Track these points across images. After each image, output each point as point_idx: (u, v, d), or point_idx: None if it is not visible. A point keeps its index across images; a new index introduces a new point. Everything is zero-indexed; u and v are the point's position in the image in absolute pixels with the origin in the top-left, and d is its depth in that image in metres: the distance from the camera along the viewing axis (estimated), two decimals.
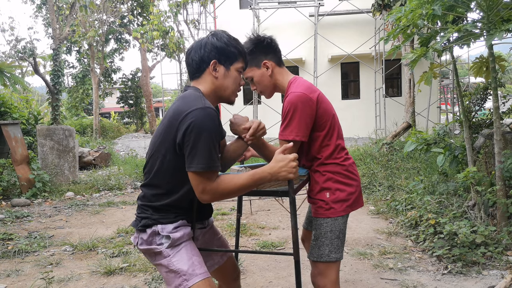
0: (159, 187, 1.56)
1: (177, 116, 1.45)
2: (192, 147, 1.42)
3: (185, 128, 1.42)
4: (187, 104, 1.46)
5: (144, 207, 1.59)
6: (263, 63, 1.84)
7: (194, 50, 1.58)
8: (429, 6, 3.09)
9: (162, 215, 1.56)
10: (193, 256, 1.55)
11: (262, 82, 1.87)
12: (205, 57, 1.56)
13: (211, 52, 1.55)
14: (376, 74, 13.25)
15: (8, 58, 22.85)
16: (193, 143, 1.41)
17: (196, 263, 1.53)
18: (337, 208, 1.82)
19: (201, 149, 1.41)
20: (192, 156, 1.42)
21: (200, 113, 1.42)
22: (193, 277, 1.49)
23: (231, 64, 1.59)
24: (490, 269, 3.04)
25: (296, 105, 1.73)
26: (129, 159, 10.44)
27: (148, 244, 1.57)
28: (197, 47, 1.57)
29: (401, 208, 4.58)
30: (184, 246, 1.56)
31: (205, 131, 1.41)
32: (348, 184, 1.85)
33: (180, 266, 1.51)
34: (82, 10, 12.10)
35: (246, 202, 5.38)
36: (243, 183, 1.47)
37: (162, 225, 1.55)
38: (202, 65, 1.57)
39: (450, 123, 9.37)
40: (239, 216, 2.15)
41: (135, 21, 21.28)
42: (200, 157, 1.41)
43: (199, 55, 1.56)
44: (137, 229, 1.60)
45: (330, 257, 1.81)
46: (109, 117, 29.83)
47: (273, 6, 13.50)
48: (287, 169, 1.49)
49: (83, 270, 3.42)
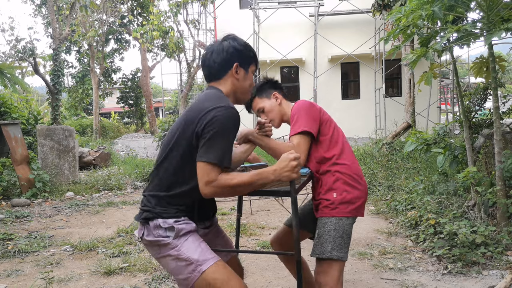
0: (165, 179, 1.60)
1: (200, 111, 1.51)
2: (209, 139, 1.47)
3: (208, 120, 1.48)
4: (212, 101, 1.53)
5: (149, 197, 1.62)
6: (273, 94, 2.09)
7: (215, 53, 1.64)
8: (429, 7, 3.09)
9: (163, 209, 1.58)
10: (201, 243, 1.59)
11: (273, 110, 2.08)
12: (228, 60, 1.63)
13: (233, 55, 1.63)
14: (376, 74, 13.25)
15: (8, 58, 22.85)
16: (211, 136, 1.46)
17: (205, 249, 1.57)
18: (342, 208, 1.86)
19: (218, 143, 1.46)
20: (207, 147, 1.47)
21: (225, 112, 1.48)
22: (206, 261, 1.53)
23: (249, 67, 1.69)
24: (490, 269, 3.04)
25: (302, 107, 1.94)
26: (129, 159, 10.44)
27: (154, 236, 1.58)
28: (219, 50, 1.64)
29: (401, 208, 4.58)
30: (191, 236, 1.59)
31: (226, 128, 1.48)
32: (355, 187, 1.90)
33: (190, 255, 1.54)
34: (82, 10, 12.09)
35: (246, 202, 5.38)
36: (246, 182, 1.49)
37: (163, 219, 1.57)
38: (224, 67, 1.64)
39: (450, 123, 9.37)
40: (239, 216, 2.15)
41: (135, 21, 21.28)
42: (215, 150, 1.46)
43: (221, 58, 1.63)
44: (140, 222, 1.63)
45: (332, 254, 1.82)
46: (109, 117, 29.82)
47: (273, 6, 13.50)
48: (289, 169, 1.51)
49: (83, 270, 3.42)
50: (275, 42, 13.47)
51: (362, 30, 13.52)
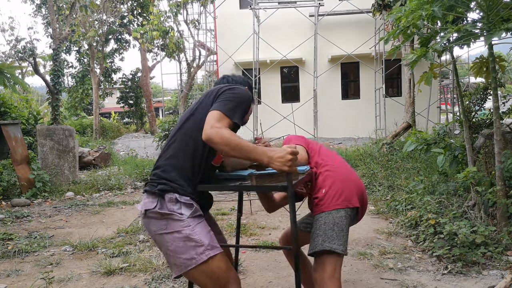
0: (185, 146, 1.65)
1: (221, 86, 1.72)
2: (225, 98, 1.62)
3: (227, 88, 1.68)
4: (231, 84, 1.81)
5: (166, 167, 1.64)
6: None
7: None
8: (429, 7, 3.09)
9: (182, 184, 1.61)
10: (210, 231, 1.64)
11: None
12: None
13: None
14: (376, 74, 13.25)
15: (8, 58, 22.85)
16: (227, 97, 1.62)
17: (213, 237, 1.62)
18: (331, 202, 1.88)
19: (232, 102, 1.60)
20: (221, 102, 1.60)
21: (244, 88, 1.72)
22: (215, 248, 1.58)
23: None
24: (490, 269, 3.04)
25: (289, 138, 2.13)
26: (129, 159, 10.44)
27: (168, 209, 1.58)
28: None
29: (401, 208, 4.58)
30: (202, 221, 1.63)
31: (242, 96, 1.65)
32: (343, 180, 1.95)
33: (202, 238, 1.57)
34: (82, 10, 12.09)
35: (246, 202, 5.38)
36: (243, 145, 1.51)
37: (179, 195, 1.59)
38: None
39: (450, 123, 9.37)
40: (239, 216, 2.15)
41: (135, 21, 21.27)
42: (228, 105, 1.59)
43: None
44: (152, 193, 1.62)
45: (324, 246, 1.80)
46: (109, 117, 29.82)
47: (273, 6, 13.50)
48: (282, 161, 1.50)
49: (83, 270, 3.42)
50: (275, 42, 13.47)
51: (362, 30, 13.52)
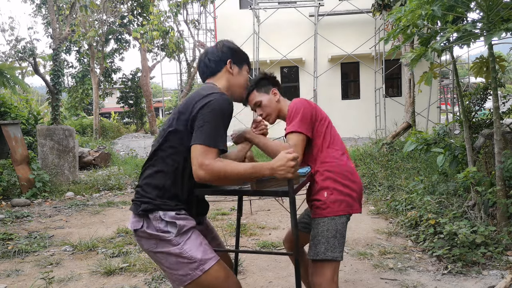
0: (164, 167, 1.60)
1: (195, 98, 1.58)
2: (204, 122, 1.51)
3: (202, 104, 1.54)
4: (206, 90, 1.61)
5: (146, 187, 1.60)
6: (272, 90, 2.09)
7: (210, 53, 1.77)
8: (429, 7, 3.09)
9: (164, 201, 1.58)
10: (202, 241, 1.61)
11: (270, 106, 2.07)
12: (222, 57, 1.75)
13: (227, 52, 1.76)
14: (376, 74, 13.25)
15: (8, 58, 22.84)
16: (205, 118, 1.51)
17: (207, 248, 1.60)
18: (334, 207, 1.84)
19: (212, 125, 1.51)
20: (201, 130, 1.50)
21: (219, 97, 1.56)
22: (209, 260, 1.56)
23: (242, 65, 1.81)
24: (490, 269, 3.04)
25: (298, 106, 1.93)
26: (129, 159, 10.44)
27: (155, 229, 1.56)
28: (213, 50, 1.78)
29: (401, 208, 4.58)
30: (193, 233, 1.60)
31: (220, 110, 1.53)
32: (346, 185, 1.89)
33: (193, 254, 1.55)
34: (82, 10, 12.08)
35: (246, 202, 5.38)
36: (240, 171, 1.49)
37: (163, 211, 1.56)
38: (219, 64, 1.75)
39: (450, 123, 9.37)
40: (239, 216, 2.15)
41: (135, 21, 21.26)
42: (208, 133, 1.50)
43: (216, 56, 1.76)
44: (137, 214, 1.60)
45: (326, 255, 1.81)
46: (109, 117, 29.81)
47: (273, 6, 13.50)
48: (285, 169, 1.50)
49: (83, 270, 3.42)
50: (275, 42, 13.47)
51: (362, 30, 13.52)
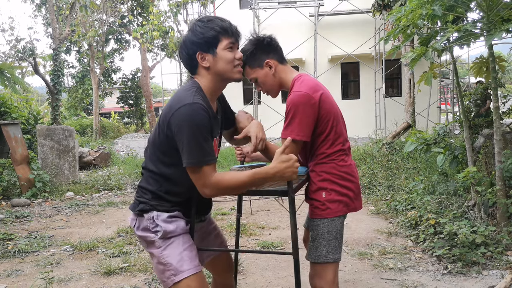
0: (158, 173, 1.60)
1: (169, 112, 1.51)
2: (183, 144, 1.47)
3: (175, 126, 1.48)
4: (177, 99, 1.51)
5: (144, 189, 1.63)
6: (265, 62, 1.83)
7: (181, 48, 1.63)
8: (429, 7, 3.09)
9: (159, 202, 1.59)
10: (184, 250, 1.57)
11: (267, 82, 1.86)
12: (190, 54, 1.59)
13: (192, 47, 1.58)
14: (376, 74, 13.24)
15: (8, 58, 22.84)
16: (183, 140, 1.46)
17: (185, 258, 1.55)
18: (333, 208, 1.79)
19: (191, 145, 1.45)
20: (184, 152, 1.48)
21: (187, 110, 1.45)
22: (180, 273, 1.52)
23: (216, 48, 1.57)
24: (490, 269, 3.04)
25: (298, 105, 1.71)
26: (129, 159, 10.44)
27: (144, 230, 1.60)
28: (181, 47, 1.63)
29: (401, 208, 4.58)
30: (176, 240, 1.58)
31: (193, 126, 1.44)
32: (344, 185, 1.82)
33: (169, 260, 1.54)
34: (82, 10, 12.09)
35: (246, 202, 5.38)
36: (244, 181, 1.49)
37: (158, 212, 1.58)
38: (192, 61, 1.60)
39: (450, 123, 9.37)
40: (239, 216, 2.15)
41: (135, 21, 21.26)
42: (191, 153, 1.46)
43: (185, 54, 1.61)
44: (134, 213, 1.63)
45: (328, 258, 1.79)
46: (109, 117, 29.80)
47: (273, 6, 13.49)
48: (293, 169, 1.50)
49: (83, 270, 3.42)
50: None
51: (362, 30, 13.51)
